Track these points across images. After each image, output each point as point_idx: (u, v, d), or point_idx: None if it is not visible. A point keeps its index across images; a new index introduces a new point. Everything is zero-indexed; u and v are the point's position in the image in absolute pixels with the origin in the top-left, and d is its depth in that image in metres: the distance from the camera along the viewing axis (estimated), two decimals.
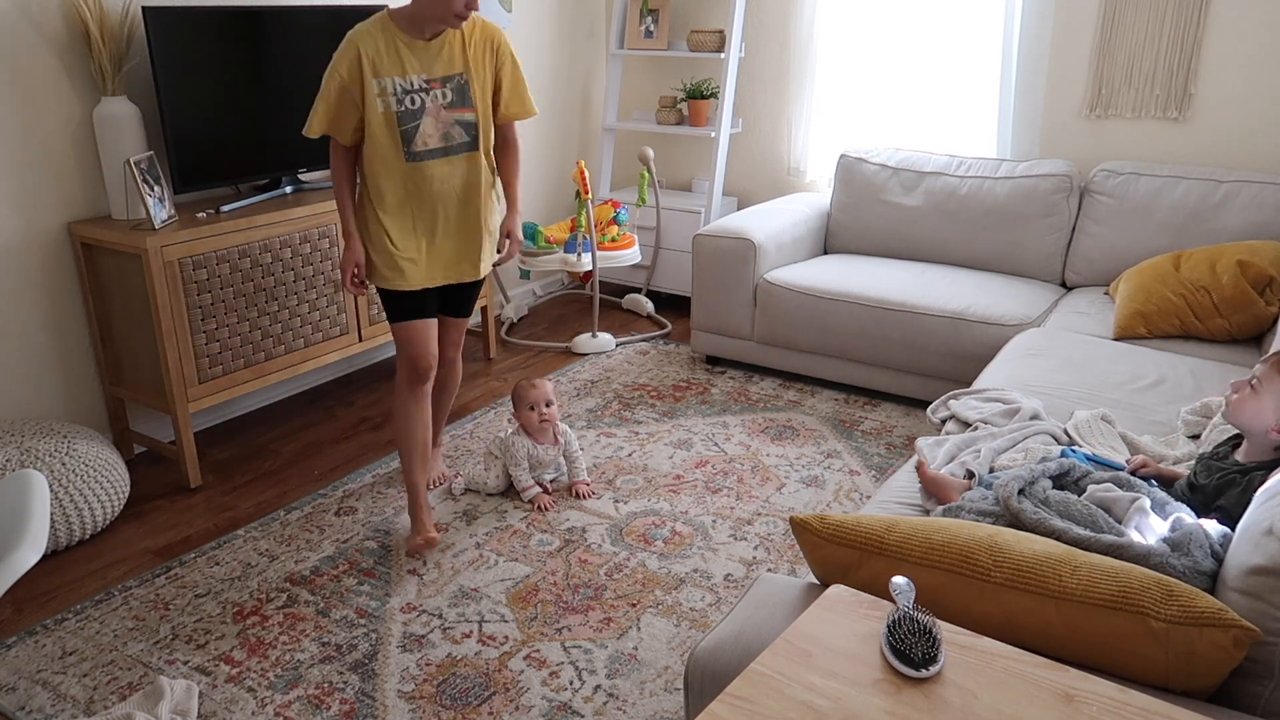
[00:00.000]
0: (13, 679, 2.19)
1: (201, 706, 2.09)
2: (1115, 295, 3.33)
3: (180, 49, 2.95)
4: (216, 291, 2.97)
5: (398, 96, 2.43)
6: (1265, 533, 1.33)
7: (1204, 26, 3.53)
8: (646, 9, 4.63)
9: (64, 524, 2.65)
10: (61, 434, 2.74)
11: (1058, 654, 1.30)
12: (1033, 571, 1.33)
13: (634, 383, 3.83)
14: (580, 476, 2.99)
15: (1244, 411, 1.79)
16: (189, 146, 3.03)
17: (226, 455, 3.26)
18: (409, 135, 2.46)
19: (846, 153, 4.13)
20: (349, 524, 2.82)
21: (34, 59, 2.82)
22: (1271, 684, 1.28)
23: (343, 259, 2.56)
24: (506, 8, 4.37)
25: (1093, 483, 1.82)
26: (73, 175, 2.97)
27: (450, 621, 2.37)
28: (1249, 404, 1.79)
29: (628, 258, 4.26)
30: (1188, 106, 3.64)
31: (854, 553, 1.46)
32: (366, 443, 3.35)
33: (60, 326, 3.02)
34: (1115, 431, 2.31)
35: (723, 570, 2.57)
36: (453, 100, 2.49)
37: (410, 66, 2.44)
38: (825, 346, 3.64)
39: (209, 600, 2.47)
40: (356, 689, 2.15)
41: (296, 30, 3.28)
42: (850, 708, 1.11)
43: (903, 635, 1.18)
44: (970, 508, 1.79)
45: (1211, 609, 1.22)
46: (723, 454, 3.22)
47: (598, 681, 2.16)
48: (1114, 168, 3.61)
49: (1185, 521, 1.58)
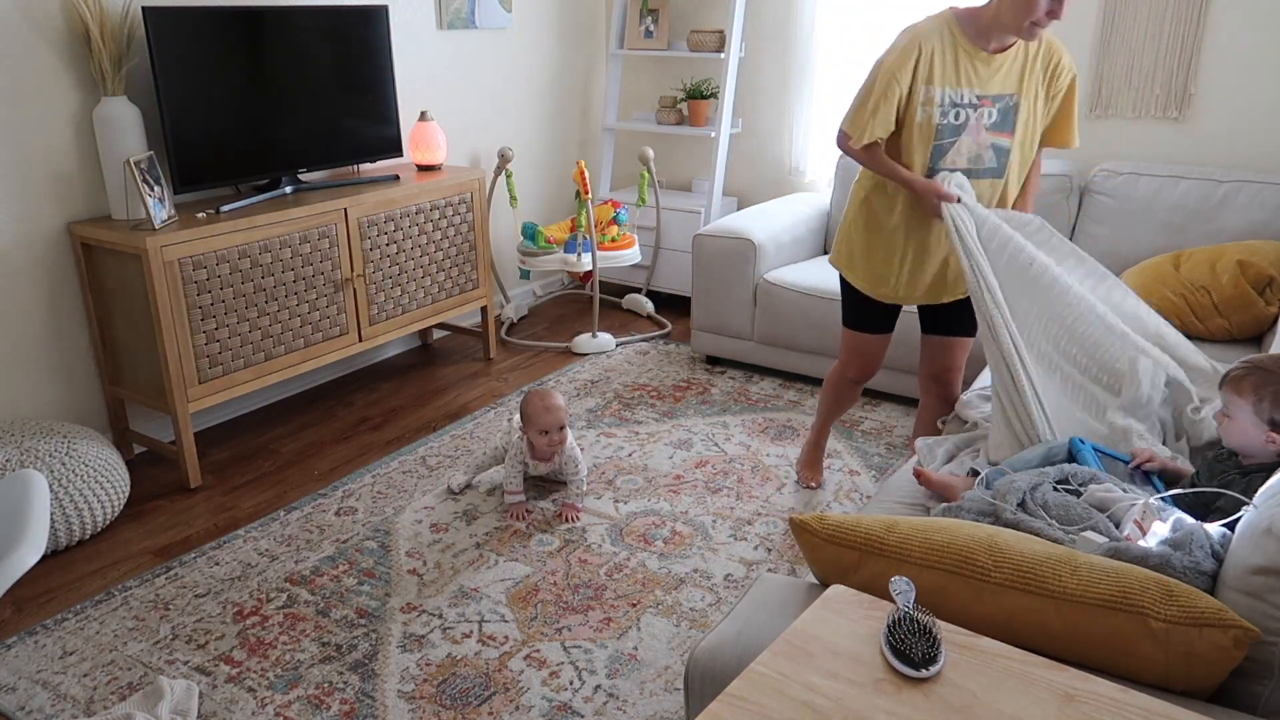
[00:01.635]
0: (13, 679, 2.19)
1: (201, 706, 2.10)
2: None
3: (180, 49, 2.95)
4: (216, 291, 2.97)
5: (943, 108, 2.28)
6: (1265, 532, 1.33)
7: (1204, 26, 3.53)
8: (646, 9, 4.62)
9: (64, 524, 2.65)
10: (61, 434, 2.74)
11: (1058, 654, 1.30)
12: (1033, 572, 1.33)
13: (634, 383, 3.83)
14: (571, 500, 2.88)
15: (1232, 437, 1.83)
16: (189, 146, 3.03)
17: (226, 455, 3.26)
18: (941, 151, 2.31)
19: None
20: (349, 524, 2.82)
21: (34, 59, 2.82)
22: (1271, 684, 1.28)
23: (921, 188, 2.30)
24: (506, 8, 4.37)
25: (1094, 483, 1.82)
26: (73, 175, 2.97)
27: (450, 621, 2.37)
28: (1232, 430, 1.82)
29: (628, 258, 4.26)
30: (1188, 106, 3.64)
31: (854, 553, 1.46)
32: (366, 443, 3.35)
33: (60, 326, 3.02)
34: None
35: (723, 570, 2.57)
36: (996, 122, 2.32)
37: (966, 78, 2.28)
38: (825, 346, 3.64)
39: (209, 600, 2.47)
40: (356, 689, 2.15)
41: (296, 30, 3.28)
42: (850, 708, 1.11)
43: (903, 635, 1.18)
44: (970, 508, 1.79)
45: (1211, 609, 1.22)
46: (723, 454, 3.22)
47: (598, 681, 2.16)
48: (1114, 168, 3.61)
49: (1186, 521, 1.58)
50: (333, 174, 3.69)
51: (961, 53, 2.27)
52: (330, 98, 3.45)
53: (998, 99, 2.30)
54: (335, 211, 3.29)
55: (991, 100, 2.29)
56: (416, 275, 3.67)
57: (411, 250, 3.62)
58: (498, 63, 4.42)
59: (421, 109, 3.94)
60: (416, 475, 3.10)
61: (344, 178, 3.62)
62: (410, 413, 3.60)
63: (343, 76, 3.47)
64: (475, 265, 3.93)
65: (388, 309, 3.58)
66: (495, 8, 4.31)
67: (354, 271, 3.39)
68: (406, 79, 3.92)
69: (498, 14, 4.33)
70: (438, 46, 4.09)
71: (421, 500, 2.94)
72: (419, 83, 4.01)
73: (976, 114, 2.29)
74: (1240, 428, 1.79)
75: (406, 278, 3.63)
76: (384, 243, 3.50)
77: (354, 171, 3.75)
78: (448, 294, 3.84)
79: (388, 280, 3.55)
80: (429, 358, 4.16)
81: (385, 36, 3.57)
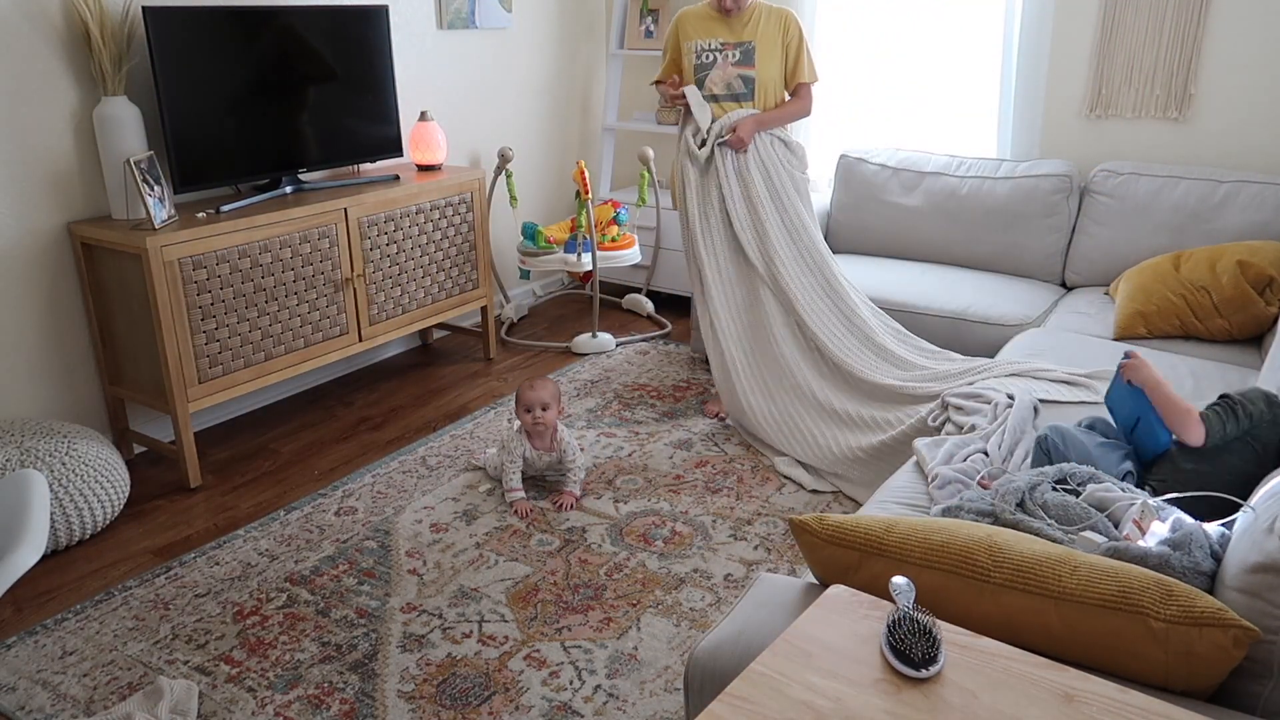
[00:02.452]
0: (13, 679, 2.19)
1: (201, 706, 2.10)
2: (1115, 295, 3.33)
3: (180, 49, 2.95)
4: (216, 291, 2.97)
5: (698, 53, 3.26)
6: (1264, 531, 1.33)
7: (1204, 26, 3.53)
8: (646, 9, 4.62)
9: (64, 524, 2.65)
10: (61, 434, 2.74)
11: (1058, 654, 1.30)
12: (1032, 571, 1.33)
13: (634, 383, 3.83)
14: (569, 487, 2.91)
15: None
16: (189, 146, 3.03)
17: (226, 455, 3.26)
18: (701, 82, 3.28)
19: (846, 153, 4.12)
20: (349, 524, 2.82)
21: (34, 59, 2.82)
22: (1271, 683, 1.28)
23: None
24: (506, 8, 4.37)
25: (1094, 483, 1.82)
26: (73, 175, 2.97)
27: (450, 621, 2.37)
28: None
29: (628, 258, 4.26)
30: (1188, 106, 3.64)
31: (854, 553, 1.46)
32: (366, 443, 3.35)
33: (60, 326, 3.02)
34: None
35: (723, 570, 2.57)
36: (739, 60, 3.24)
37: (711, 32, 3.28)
38: None
39: (209, 600, 2.47)
40: (356, 689, 2.15)
41: (296, 30, 3.28)
42: (850, 708, 1.11)
43: (903, 635, 1.18)
44: (970, 507, 1.79)
45: (1211, 609, 1.22)
46: (723, 454, 3.23)
47: (598, 681, 2.16)
48: (1114, 168, 3.61)
49: (1185, 521, 1.58)
50: (333, 174, 3.69)
51: (708, 18, 3.28)
52: (330, 98, 3.45)
53: (739, 44, 3.23)
54: (335, 211, 3.29)
55: (734, 46, 3.24)
56: (416, 275, 3.67)
57: (411, 250, 3.62)
58: (498, 63, 4.42)
59: (421, 109, 3.94)
60: (416, 475, 3.10)
61: (344, 178, 3.62)
62: (410, 413, 3.60)
63: (343, 76, 3.47)
64: (475, 265, 3.93)
65: (388, 309, 3.58)
66: (495, 8, 4.31)
67: (354, 271, 3.39)
68: (406, 79, 3.92)
69: (498, 14, 4.33)
70: (438, 46, 4.09)
71: (421, 500, 2.94)
72: (419, 83, 4.01)
73: (723, 55, 3.24)
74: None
75: (406, 278, 3.63)
76: (384, 243, 3.50)
77: (354, 171, 3.75)
78: (448, 294, 3.84)
79: (388, 280, 3.55)
80: (429, 358, 4.16)
81: (385, 36, 3.57)
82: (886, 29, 4.18)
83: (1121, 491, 1.76)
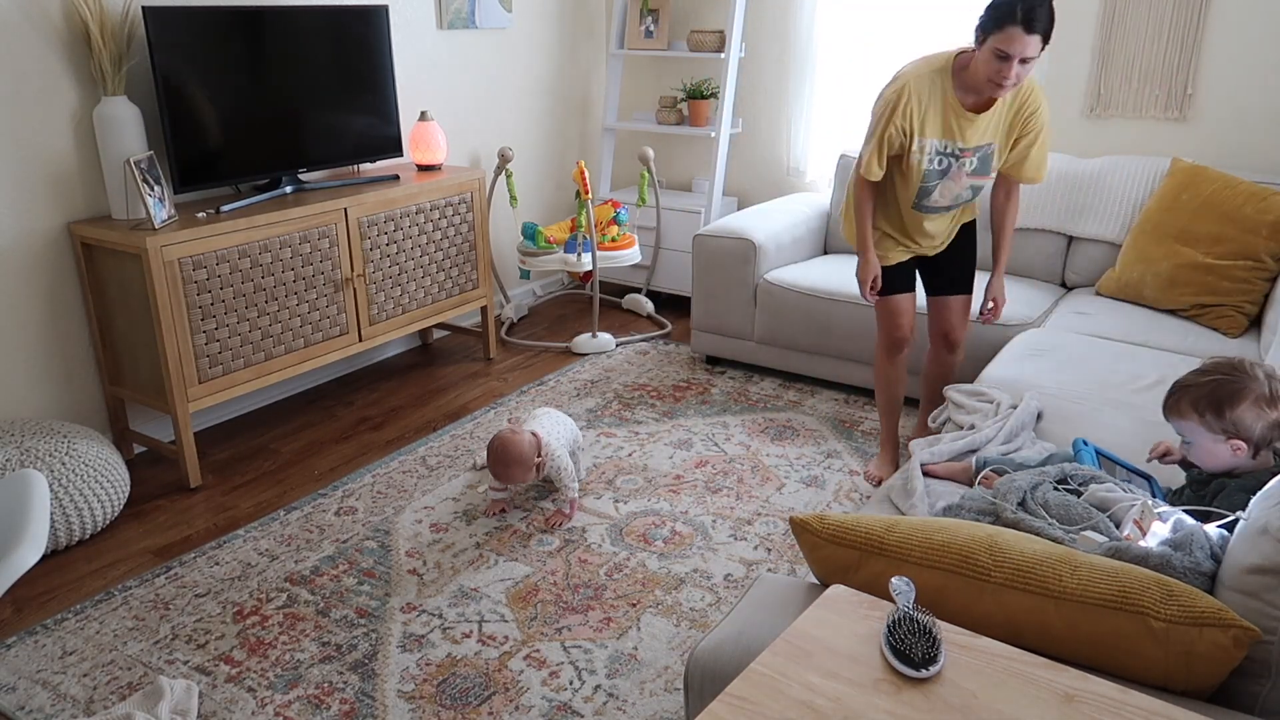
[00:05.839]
0: (13, 679, 2.19)
1: (201, 706, 2.10)
2: (1107, 291, 3.40)
3: (180, 49, 2.95)
4: (216, 291, 2.97)
5: (930, 156, 2.60)
6: (1261, 532, 1.33)
7: (1204, 26, 3.53)
8: (646, 9, 4.62)
9: (64, 524, 2.65)
10: (61, 434, 2.74)
11: (1058, 654, 1.30)
12: (1033, 571, 1.33)
13: (634, 383, 3.83)
14: (560, 505, 2.84)
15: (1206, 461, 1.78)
16: (189, 146, 3.03)
17: (226, 455, 3.26)
18: (926, 191, 2.67)
19: (846, 153, 4.12)
20: (349, 524, 2.82)
21: (34, 59, 2.82)
22: (1269, 683, 1.28)
23: (861, 272, 2.80)
24: (506, 8, 4.37)
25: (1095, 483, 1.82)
26: (73, 175, 2.97)
27: (450, 621, 2.37)
28: (1199, 454, 1.79)
29: (628, 258, 4.26)
30: (1188, 106, 3.64)
31: (854, 553, 1.46)
32: (366, 443, 3.35)
33: (60, 326, 3.02)
34: None
35: (723, 570, 2.57)
36: (976, 169, 2.64)
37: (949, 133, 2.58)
38: (825, 346, 3.64)
39: (209, 600, 2.47)
40: (356, 689, 2.15)
41: (296, 30, 3.28)
42: (850, 708, 1.11)
43: (903, 635, 1.18)
44: (970, 507, 1.79)
45: (1211, 609, 1.22)
46: (723, 454, 3.22)
47: (598, 681, 2.16)
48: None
49: (1186, 522, 1.58)
50: (333, 174, 3.69)
51: (949, 109, 2.56)
52: (330, 98, 3.45)
53: (978, 149, 2.61)
54: (335, 211, 3.29)
55: (973, 151, 2.61)
56: (416, 275, 3.67)
57: (411, 250, 3.62)
58: (498, 63, 4.42)
59: (421, 109, 3.94)
60: (416, 475, 3.10)
61: (344, 177, 3.62)
62: (410, 412, 3.60)
63: (343, 76, 3.47)
64: (475, 265, 3.93)
65: (388, 309, 3.58)
66: (495, 8, 4.31)
67: (354, 271, 3.39)
68: (406, 79, 3.92)
69: (498, 14, 4.33)
70: (438, 46, 4.09)
71: (421, 500, 2.94)
72: (419, 83, 4.01)
73: (959, 163, 2.62)
74: (1204, 449, 1.77)
75: (406, 278, 3.63)
76: (384, 243, 3.50)
77: (354, 171, 3.75)
78: (448, 294, 3.84)
79: (388, 280, 3.55)
80: (429, 358, 4.16)
81: (385, 36, 3.57)
82: (886, 29, 4.17)
83: (1123, 492, 1.76)
